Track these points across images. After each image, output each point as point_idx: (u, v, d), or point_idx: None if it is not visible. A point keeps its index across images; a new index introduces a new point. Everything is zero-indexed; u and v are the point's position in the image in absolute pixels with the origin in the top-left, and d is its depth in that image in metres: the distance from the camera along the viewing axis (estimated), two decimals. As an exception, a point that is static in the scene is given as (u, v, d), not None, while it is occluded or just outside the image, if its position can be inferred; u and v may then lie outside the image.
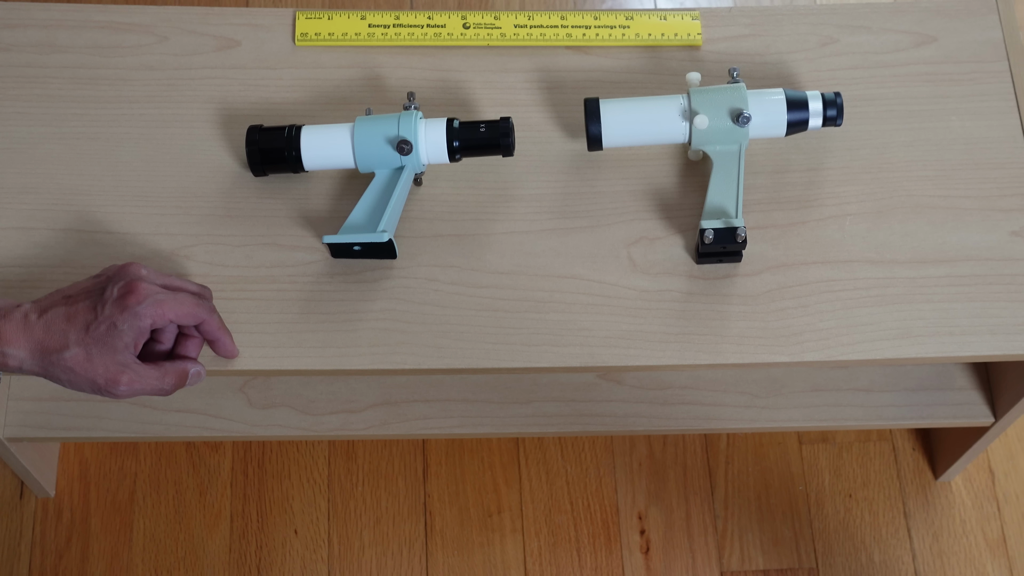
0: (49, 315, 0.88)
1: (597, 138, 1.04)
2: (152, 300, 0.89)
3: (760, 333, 1.01)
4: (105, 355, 0.88)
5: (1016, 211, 1.06)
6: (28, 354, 0.88)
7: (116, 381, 0.89)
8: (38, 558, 1.35)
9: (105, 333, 0.88)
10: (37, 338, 0.88)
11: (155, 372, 0.91)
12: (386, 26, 1.14)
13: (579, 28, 1.14)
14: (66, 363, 0.88)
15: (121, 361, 0.89)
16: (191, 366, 0.94)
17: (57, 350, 0.88)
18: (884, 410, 1.23)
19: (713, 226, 1.00)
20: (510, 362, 1.00)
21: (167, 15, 1.14)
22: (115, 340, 0.88)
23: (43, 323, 0.88)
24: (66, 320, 0.88)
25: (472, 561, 1.36)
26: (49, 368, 0.88)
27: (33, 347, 0.88)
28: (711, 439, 1.43)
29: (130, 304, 0.88)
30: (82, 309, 0.88)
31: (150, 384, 0.91)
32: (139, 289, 0.89)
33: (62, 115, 1.09)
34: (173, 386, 0.93)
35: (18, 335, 0.87)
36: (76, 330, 0.88)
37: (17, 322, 0.88)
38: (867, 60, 1.13)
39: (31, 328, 0.88)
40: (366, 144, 1.01)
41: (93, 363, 0.88)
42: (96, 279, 0.92)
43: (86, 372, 0.88)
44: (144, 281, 0.90)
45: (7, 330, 0.87)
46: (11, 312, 0.88)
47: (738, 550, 1.38)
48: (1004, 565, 1.37)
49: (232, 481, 1.39)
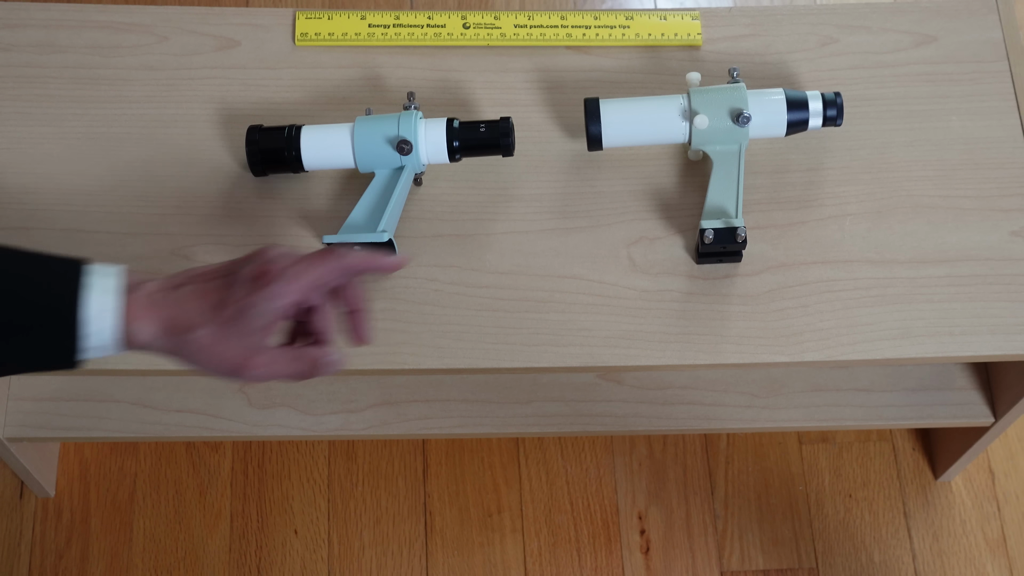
0: (180, 292, 0.82)
1: (597, 138, 1.04)
2: (289, 274, 0.82)
3: (760, 333, 1.01)
4: (237, 337, 0.81)
5: (1016, 211, 1.06)
6: (157, 331, 0.81)
7: (248, 366, 0.82)
8: (38, 558, 1.35)
9: (238, 314, 0.81)
10: (166, 315, 0.81)
11: (290, 356, 0.84)
12: (386, 26, 1.14)
13: (579, 28, 1.14)
14: (197, 343, 0.81)
15: (253, 344, 0.82)
16: (327, 353, 0.85)
17: (187, 329, 0.81)
18: (884, 410, 1.23)
19: (713, 226, 1.00)
20: (510, 362, 1.00)
21: (167, 15, 1.14)
22: (248, 322, 0.82)
23: (173, 300, 0.81)
24: (197, 298, 0.82)
25: (472, 561, 1.36)
26: (179, 348, 0.82)
27: (162, 324, 0.81)
28: (711, 439, 1.43)
29: (265, 283, 0.82)
30: (214, 288, 0.82)
31: (284, 368, 0.84)
32: (274, 267, 0.83)
33: (62, 115, 1.09)
34: (308, 372, 0.85)
35: (146, 311, 0.81)
36: (208, 309, 0.81)
37: (145, 297, 0.81)
38: (867, 60, 1.13)
39: (160, 305, 0.81)
40: (366, 144, 1.01)
41: (225, 345, 0.81)
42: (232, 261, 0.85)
43: (218, 353, 0.82)
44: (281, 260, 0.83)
45: (135, 305, 0.80)
46: (140, 286, 0.81)
47: (738, 550, 1.38)
48: (1004, 565, 1.37)
49: (232, 481, 1.39)
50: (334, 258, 0.84)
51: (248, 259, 0.84)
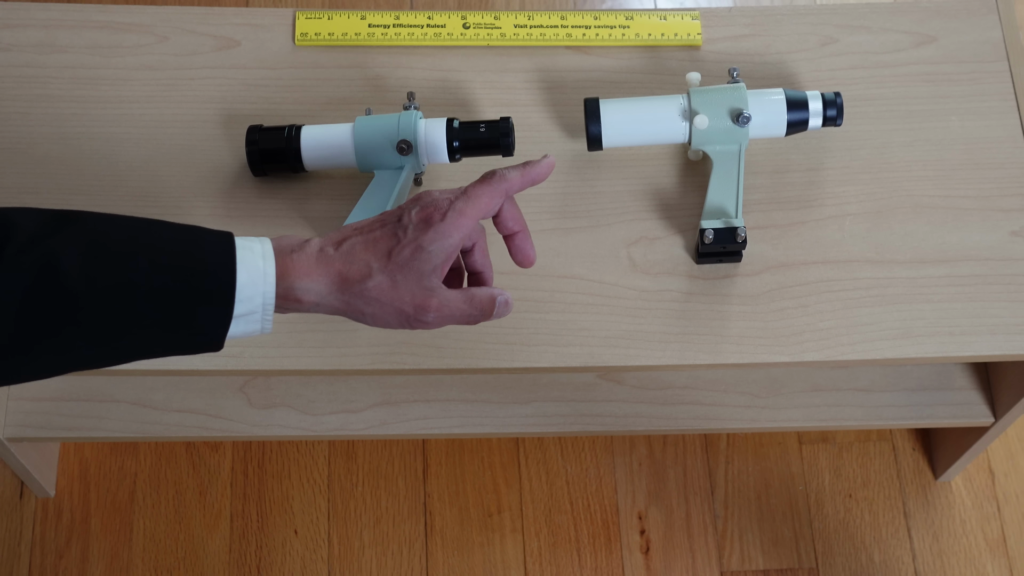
0: (346, 246, 0.81)
1: (597, 138, 1.04)
2: (453, 211, 0.82)
3: (760, 333, 1.01)
4: (411, 281, 0.81)
5: (1016, 211, 1.06)
6: (327, 288, 0.80)
7: (426, 307, 0.81)
8: (38, 558, 1.35)
9: (410, 257, 0.81)
10: (336, 270, 0.80)
11: (462, 297, 0.83)
12: (386, 26, 1.14)
13: (579, 28, 1.14)
14: (370, 293, 0.81)
15: (428, 286, 0.81)
16: (499, 293, 0.85)
17: (359, 280, 0.80)
18: (884, 410, 1.23)
19: (713, 226, 1.00)
20: (510, 362, 1.00)
21: (167, 15, 1.14)
22: (421, 264, 0.81)
23: (341, 254, 0.81)
24: (366, 248, 0.81)
25: (472, 561, 1.36)
26: (351, 301, 0.81)
27: (332, 280, 0.80)
28: (711, 439, 1.43)
29: (434, 221, 0.81)
30: (382, 236, 0.82)
31: (459, 310, 0.83)
32: (439, 207, 0.82)
33: (62, 115, 1.09)
34: (481, 314, 0.84)
35: (314, 268, 0.80)
36: (378, 257, 0.81)
37: (311, 255, 0.80)
38: (867, 60, 1.13)
39: (329, 261, 0.80)
40: (366, 144, 1.01)
41: (399, 290, 0.81)
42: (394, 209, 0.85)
43: (392, 300, 0.81)
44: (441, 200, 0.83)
45: (301, 264, 0.80)
46: (303, 246, 0.81)
47: (738, 550, 1.38)
48: (1004, 565, 1.37)
49: (232, 481, 1.39)
50: (495, 182, 0.84)
51: (411, 203, 0.83)
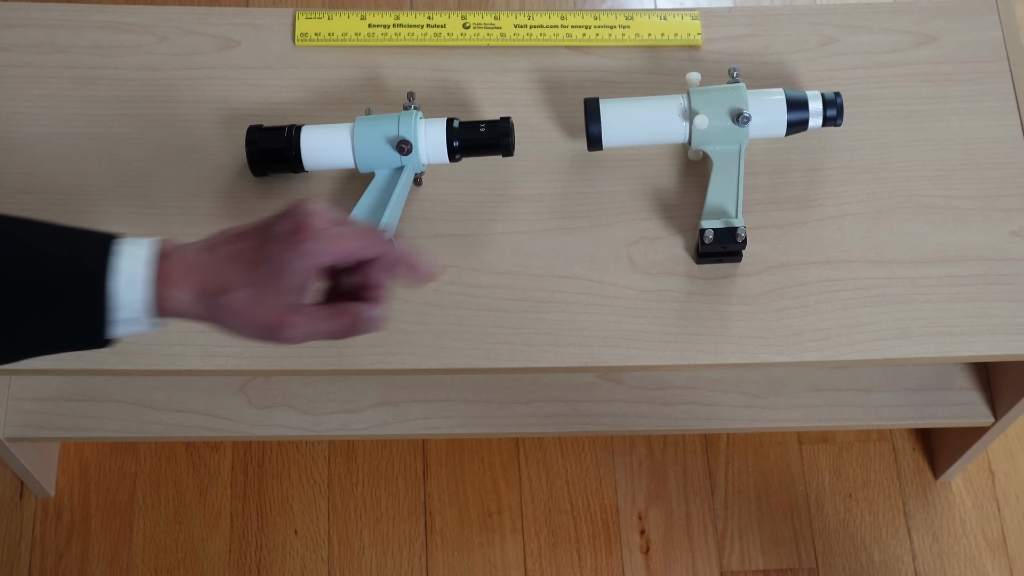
0: (215, 254, 0.80)
1: (597, 138, 1.04)
2: (325, 235, 0.80)
3: (760, 333, 1.01)
4: (274, 296, 0.79)
5: (1016, 211, 1.06)
6: (192, 296, 0.79)
7: (285, 324, 0.80)
8: (38, 558, 1.35)
9: (273, 272, 0.79)
10: (200, 279, 0.79)
11: (328, 313, 0.82)
12: (386, 26, 1.14)
13: (579, 28, 1.14)
14: (232, 306, 0.79)
15: (291, 303, 0.80)
16: (367, 310, 0.83)
17: (222, 291, 0.79)
18: (884, 410, 1.23)
19: (713, 226, 1.00)
20: (510, 362, 1.00)
21: (167, 15, 1.14)
22: (284, 280, 0.79)
23: (207, 262, 0.80)
24: (232, 259, 0.80)
25: (472, 561, 1.36)
26: (215, 312, 0.80)
27: (196, 289, 0.79)
28: (711, 439, 1.43)
29: (300, 240, 0.79)
30: (249, 247, 0.80)
31: (322, 326, 0.81)
32: (310, 225, 0.80)
33: (62, 115, 1.09)
34: (346, 330, 0.83)
35: (180, 276, 0.79)
36: (242, 269, 0.80)
37: (179, 262, 0.79)
38: (867, 60, 1.13)
39: (194, 269, 0.80)
40: (366, 144, 1.01)
41: (261, 305, 0.79)
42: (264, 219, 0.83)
43: (253, 315, 0.80)
44: (315, 216, 0.81)
45: (169, 271, 0.79)
46: (173, 252, 0.80)
47: (738, 550, 1.38)
48: (1004, 565, 1.37)
49: (232, 481, 1.39)
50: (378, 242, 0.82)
51: (283, 215, 0.81)
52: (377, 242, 0.82)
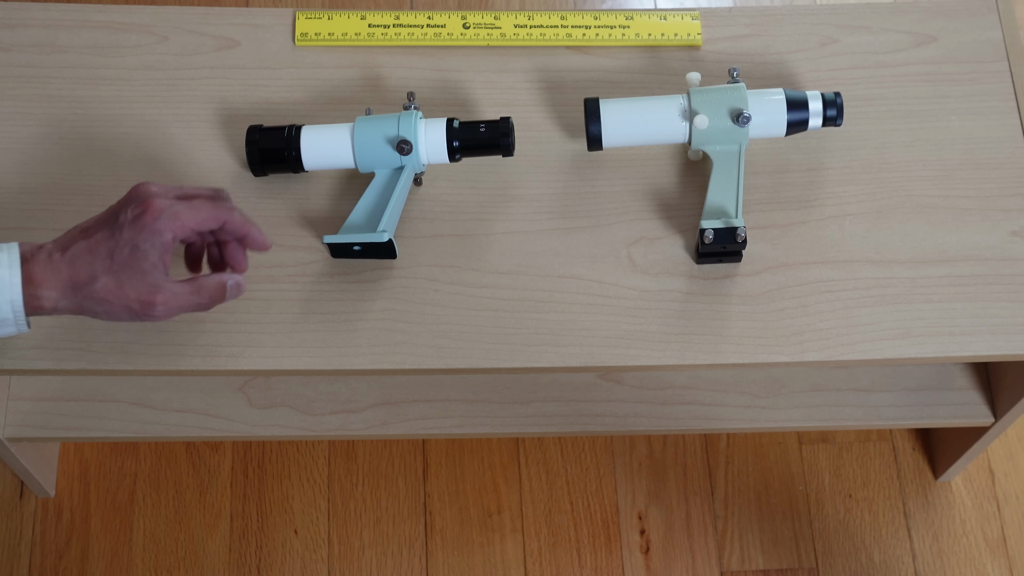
0: (71, 251, 0.87)
1: (597, 138, 1.04)
2: (168, 213, 0.88)
3: (760, 333, 1.01)
4: (135, 279, 0.87)
5: (1016, 211, 1.06)
6: (60, 293, 0.87)
7: (151, 303, 0.88)
8: (38, 558, 1.35)
9: (129, 257, 0.87)
10: (65, 276, 0.86)
11: (189, 288, 0.90)
12: (386, 26, 1.14)
13: (579, 28, 1.14)
14: (98, 294, 0.87)
15: (152, 283, 0.87)
16: (227, 278, 0.92)
17: (86, 283, 0.86)
18: (884, 410, 1.23)
19: (713, 226, 1.00)
20: (510, 362, 1.00)
21: (167, 15, 1.14)
22: (141, 262, 0.87)
23: (67, 259, 0.87)
24: (88, 252, 0.87)
25: (472, 561, 1.36)
26: (83, 303, 0.87)
27: (63, 285, 0.86)
28: (711, 439, 1.43)
29: (147, 222, 0.87)
30: (102, 238, 0.87)
31: (186, 301, 0.89)
32: (153, 206, 0.88)
33: (62, 115, 1.09)
34: (210, 300, 0.91)
35: (47, 275, 0.86)
36: (100, 259, 0.87)
37: (43, 263, 0.86)
38: (867, 60, 1.13)
39: (57, 267, 0.86)
40: (366, 144, 1.01)
41: (124, 289, 0.87)
42: (110, 208, 0.90)
43: (119, 299, 0.87)
44: (157, 197, 0.89)
45: (35, 272, 0.86)
46: (35, 254, 0.87)
47: (738, 550, 1.38)
48: (1004, 565, 1.37)
49: (232, 481, 1.39)
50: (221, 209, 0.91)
51: (127, 201, 0.89)
52: (219, 212, 0.91)
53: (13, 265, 0.85)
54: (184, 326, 1.01)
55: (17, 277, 0.85)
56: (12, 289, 0.85)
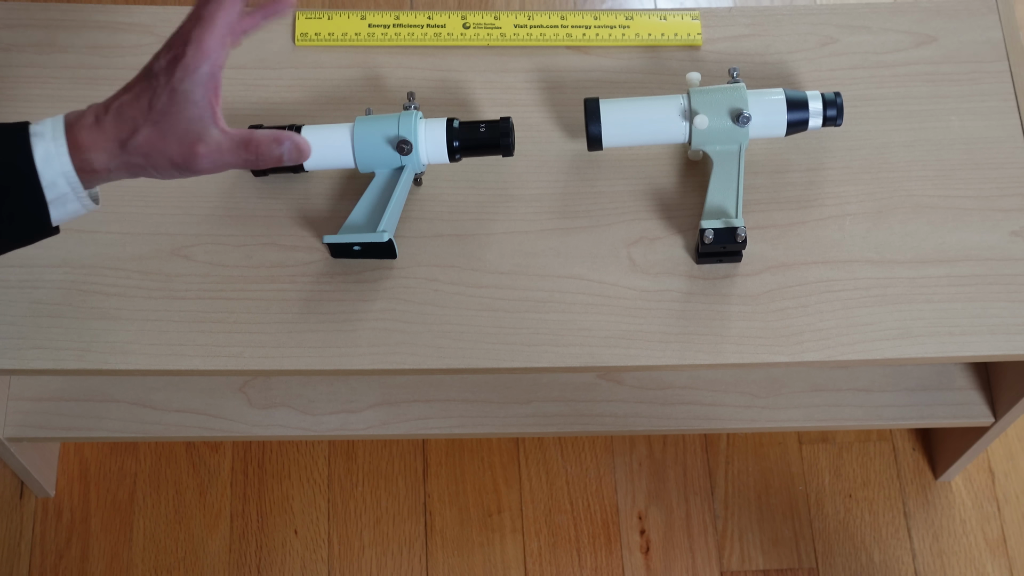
0: (114, 107, 0.84)
1: (597, 138, 1.04)
2: (193, 43, 0.84)
3: (760, 333, 1.01)
4: (177, 126, 0.83)
5: (1016, 211, 1.06)
6: (108, 154, 0.83)
7: (193, 153, 0.84)
8: (38, 558, 1.35)
9: (168, 102, 0.83)
10: (111, 134, 0.83)
11: (238, 139, 0.85)
12: (386, 26, 1.14)
13: (579, 28, 1.14)
14: (141, 148, 0.83)
15: (196, 131, 0.84)
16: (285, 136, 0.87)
17: (130, 137, 0.83)
18: (884, 410, 1.23)
19: (713, 226, 1.00)
20: (510, 362, 1.00)
21: (167, 15, 1.14)
22: (183, 107, 0.83)
23: (111, 117, 0.83)
24: (130, 105, 0.84)
25: (472, 561, 1.36)
26: (130, 159, 0.84)
27: (110, 144, 0.83)
28: (711, 439, 1.43)
29: (180, 60, 0.83)
30: (140, 90, 0.84)
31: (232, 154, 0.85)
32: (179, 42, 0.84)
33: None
34: (259, 157, 0.86)
35: (93, 137, 0.83)
36: (141, 110, 0.83)
37: (88, 126, 0.83)
38: (867, 60, 1.13)
39: (103, 126, 0.83)
40: (366, 144, 1.01)
41: (167, 139, 0.83)
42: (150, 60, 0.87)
43: (162, 151, 0.83)
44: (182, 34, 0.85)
45: (82, 137, 0.83)
46: (80, 119, 0.84)
47: (738, 550, 1.38)
48: (1004, 565, 1.37)
49: (232, 481, 1.39)
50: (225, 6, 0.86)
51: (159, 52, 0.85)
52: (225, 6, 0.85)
53: (58, 136, 0.82)
54: (184, 326, 1.01)
55: (63, 146, 0.82)
56: (60, 159, 0.82)
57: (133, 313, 1.01)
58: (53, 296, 1.01)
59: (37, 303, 1.01)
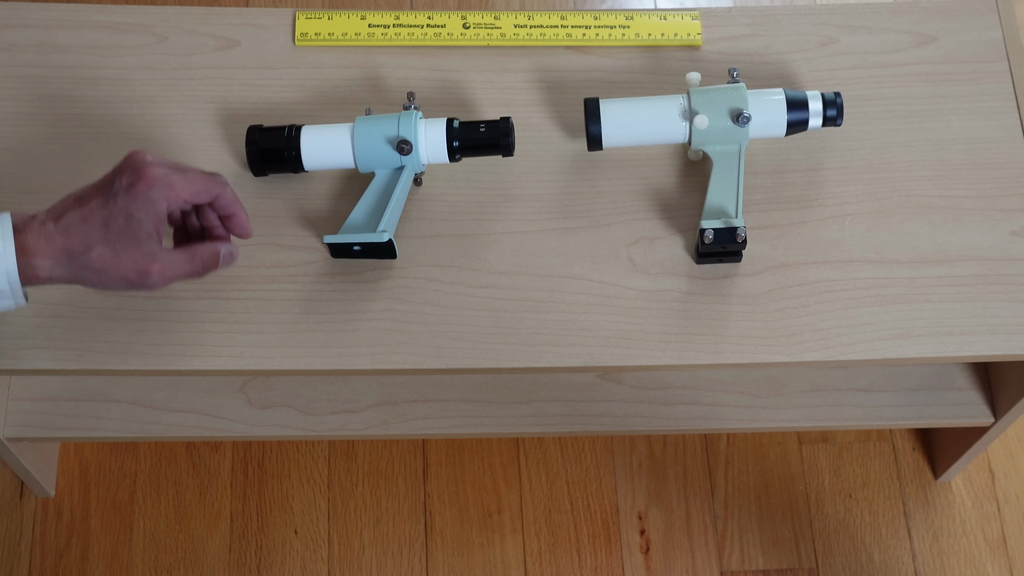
0: (66, 219, 0.86)
1: (597, 138, 1.04)
2: (163, 182, 0.87)
3: (760, 333, 1.01)
4: (130, 248, 0.86)
5: (1016, 211, 1.06)
6: (54, 262, 0.86)
7: (147, 272, 0.87)
8: (38, 558, 1.35)
9: (124, 226, 0.86)
10: (59, 245, 0.86)
11: (184, 256, 0.90)
12: (386, 26, 1.14)
13: (579, 28, 1.14)
14: (94, 264, 0.86)
15: (147, 252, 0.87)
16: (222, 246, 0.92)
17: (82, 252, 0.86)
18: (884, 410, 1.23)
19: (713, 226, 1.00)
20: (510, 362, 1.00)
21: (167, 15, 1.14)
22: (136, 231, 0.86)
23: (61, 229, 0.86)
24: (83, 221, 0.86)
25: (472, 561, 1.36)
26: (78, 272, 0.87)
27: (58, 254, 0.86)
28: (711, 439, 1.43)
29: (141, 191, 0.86)
30: (96, 207, 0.87)
31: (181, 269, 0.89)
32: (148, 174, 0.87)
33: (62, 115, 1.09)
34: (204, 268, 0.91)
35: (41, 245, 0.85)
36: (95, 228, 0.86)
37: (36, 232, 0.85)
38: (867, 60, 1.13)
39: (51, 236, 0.86)
40: (366, 144, 1.01)
41: (120, 259, 0.86)
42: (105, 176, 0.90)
43: (115, 269, 0.86)
44: (152, 166, 0.88)
45: (30, 242, 0.85)
46: (28, 224, 0.86)
47: (738, 550, 1.38)
48: (1004, 565, 1.37)
49: (232, 481, 1.39)
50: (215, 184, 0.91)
51: (121, 170, 0.88)
52: (212, 186, 0.91)
53: (6, 236, 0.84)
54: (184, 326, 1.01)
55: (11, 248, 0.84)
56: (6, 260, 0.84)
57: (133, 313, 1.01)
58: (53, 296, 1.01)
59: (37, 303, 1.01)
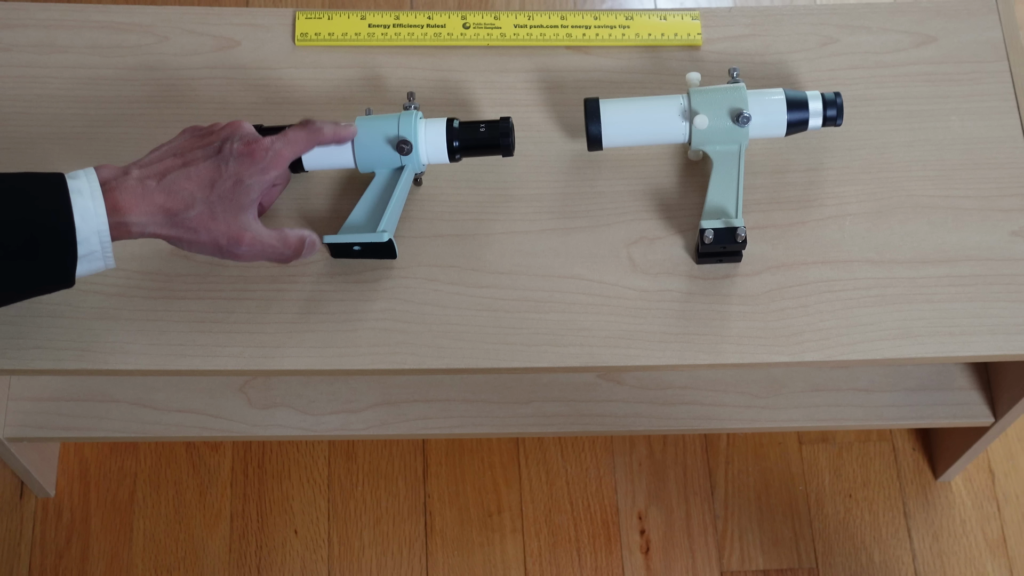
0: (169, 178, 0.87)
1: (597, 138, 1.04)
2: (272, 153, 0.89)
3: (760, 333, 1.01)
4: (229, 213, 0.87)
5: (1016, 211, 1.06)
6: (149, 219, 0.86)
7: (239, 239, 0.88)
8: (38, 558, 1.35)
9: (231, 189, 0.87)
10: (159, 203, 0.86)
11: (275, 236, 0.91)
12: (386, 26, 1.14)
13: (579, 28, 1.14)
14: (191, 223, 0.87)
15: (244, 221, 0.88)
16: (307, 234, 0.95)
17: (182, 210, 0.86)
18: (884, 410, 1.23)
19: (713, 226, 1.00)
20: (510, 362, 1.00)
21: (167, 15, 1.14)
22: (240, 197, 0.88)
23: (164, 187, 0.86)
24: (188, 180, 0.87)
25: (472, 561, 1.36)
26: (173, 230, 0.87)
27: (155, 211, 0.86)
28: (711, 439, 1.43)
29: (256, 159, 0.88)
30: (205, 168, 0.87)
31: (271, 247, 0.91)
32: (261, 144, 0.89)
33: (62, 115, 1.09)
34: (293, 253, 0.93)
35: (135, 201, 0.85)
36: (201, 188, 0.87)
37: (131, 189, 0.86)
38: (867, 60, 1.13)
39: (150, 194, 0.86)
40: (366, 144, 1.01)
41: (216, 221, 0.87)
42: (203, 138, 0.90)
43: (209, 231, 0.87)
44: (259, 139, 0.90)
45: (125, 199, 0.85)
46: (120, 180, 0.86)
47: (738, 550, 1.38)
48: (1004, 565, 1.37)
49: (232, 481, 1.39)
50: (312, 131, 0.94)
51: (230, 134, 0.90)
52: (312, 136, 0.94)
53: (95, 195, 0.84)
54: (184, 326, 1.01)
55: (101, 207, 0.84)
56: (98, 219, 0.84)
57: (133, 313, 1.01)
58: (53, 296, 1.01)
59: (37, 303, 1.01)
